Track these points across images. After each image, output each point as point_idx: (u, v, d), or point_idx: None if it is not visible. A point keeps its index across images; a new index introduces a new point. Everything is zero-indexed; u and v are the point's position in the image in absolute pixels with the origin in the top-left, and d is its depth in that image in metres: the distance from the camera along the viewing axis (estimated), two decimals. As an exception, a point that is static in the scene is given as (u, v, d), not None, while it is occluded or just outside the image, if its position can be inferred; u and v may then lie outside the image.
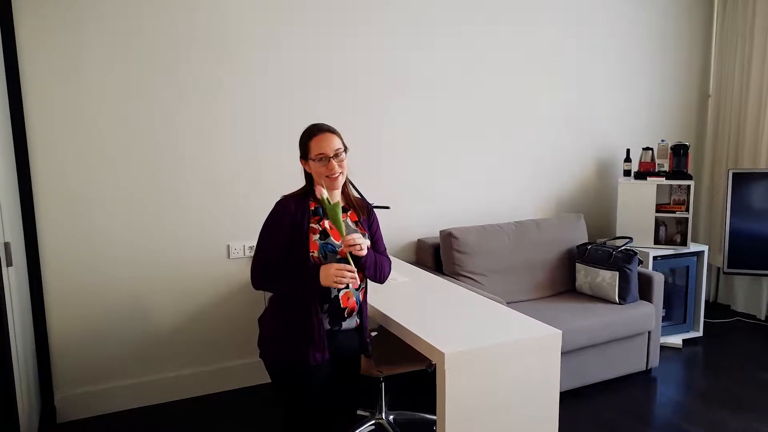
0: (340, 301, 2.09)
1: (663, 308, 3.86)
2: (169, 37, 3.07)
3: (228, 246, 3.33)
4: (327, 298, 2.07)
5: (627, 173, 4.27)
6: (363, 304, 2.20)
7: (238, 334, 3.42)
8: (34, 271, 2.93)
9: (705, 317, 4.37)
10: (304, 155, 2.10)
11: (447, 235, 3.52)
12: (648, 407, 3.23)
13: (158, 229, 3.18)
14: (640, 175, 4.13)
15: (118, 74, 2.99)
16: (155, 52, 3.05)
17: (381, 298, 2.62)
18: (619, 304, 3.48)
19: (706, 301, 4.87)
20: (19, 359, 2.51)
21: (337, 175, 2.06)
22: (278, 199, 2.12)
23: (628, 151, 4.30)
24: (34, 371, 2.91)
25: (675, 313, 4.13)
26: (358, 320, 2.18)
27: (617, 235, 4.07)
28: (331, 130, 2.09)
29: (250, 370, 3.46)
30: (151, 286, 3.20)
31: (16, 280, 2.60)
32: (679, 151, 4.10)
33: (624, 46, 4.42)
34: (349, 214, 2.17)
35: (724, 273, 4.26)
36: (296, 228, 2.04)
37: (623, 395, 3.35)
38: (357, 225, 2.18)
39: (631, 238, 3.69)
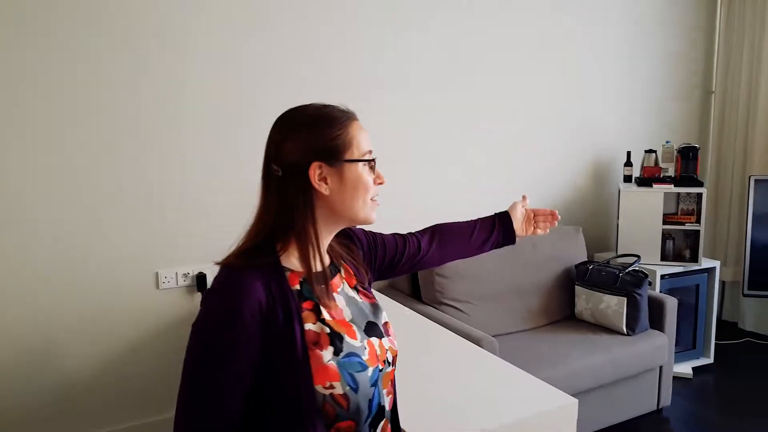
0: None
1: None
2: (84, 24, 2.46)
3: (156, 274, 2.71)
4: None
5: (628, 179, 3.76)
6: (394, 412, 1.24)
7: (172, 380, 2.81)
8: None
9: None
10: (334, 156, 1.07)
11: (425, 256, 2.95)
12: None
13: (70, 252, 2.54)
14: (644, 182, 3.61)
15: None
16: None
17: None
18: (628, 335, 2.96)
19: (712, 320, 4.40)
20: None
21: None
22: (218, 262, 1.07)
23: (629, 153, 3.79)
24: None
25: (683, 338, 3.62)
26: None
27: (618, 251, 3.56)
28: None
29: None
30: (60, 324, 2.56)
31: None
32: (688, 154, 3.60)
33: (621, 35, 3.90)
34: (342, 276, 1.20)
35: (744, 295, 3.72)
36: (278, 342, 1.01)
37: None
38: (359, 293, 1.21)
39: (638, 257, 3.17)
